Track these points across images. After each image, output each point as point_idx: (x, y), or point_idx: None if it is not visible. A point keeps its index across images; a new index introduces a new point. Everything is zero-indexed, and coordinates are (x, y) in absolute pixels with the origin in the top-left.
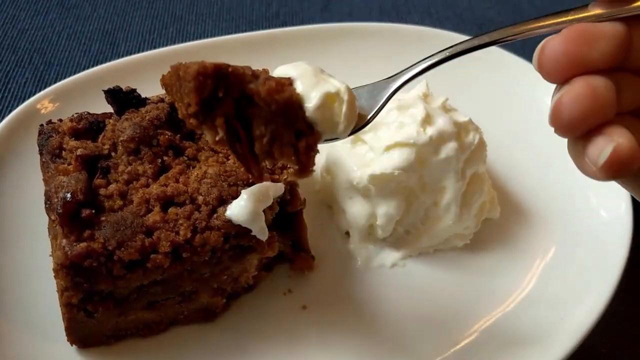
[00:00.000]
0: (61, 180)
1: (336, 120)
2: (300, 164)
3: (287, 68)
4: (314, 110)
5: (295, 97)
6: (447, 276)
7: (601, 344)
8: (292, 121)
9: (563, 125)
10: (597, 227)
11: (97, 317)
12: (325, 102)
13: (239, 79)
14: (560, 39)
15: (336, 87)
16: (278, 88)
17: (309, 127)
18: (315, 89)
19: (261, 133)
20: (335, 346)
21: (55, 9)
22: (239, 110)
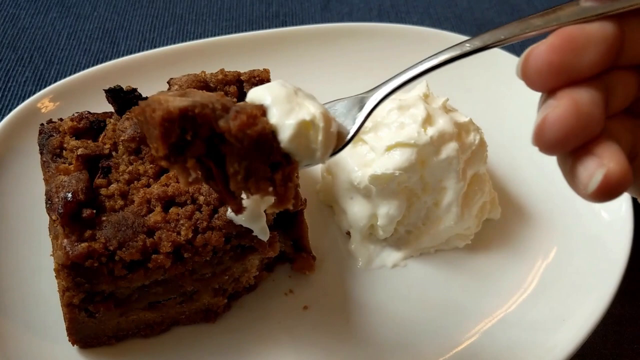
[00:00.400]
0: (62, 180)
1: (313, 148)
2: (278, 196)
3: (260, 91)
4: (289, 141)
5: (268, 130)
6: (448, 277)
7: (602, 345)
8: (267, 154)
9: (547, 145)
10: (598, 228)
11: (98, 317)
12: (300, 131)
13: (206, 119)
14: (544, 49)
15: (311, 113)
16: (249, 122)
17: (284, 157)
18: (289, 117)
19: (235, 170)
20: (336, 346)
21: (56, 8)
22: (211, 147)
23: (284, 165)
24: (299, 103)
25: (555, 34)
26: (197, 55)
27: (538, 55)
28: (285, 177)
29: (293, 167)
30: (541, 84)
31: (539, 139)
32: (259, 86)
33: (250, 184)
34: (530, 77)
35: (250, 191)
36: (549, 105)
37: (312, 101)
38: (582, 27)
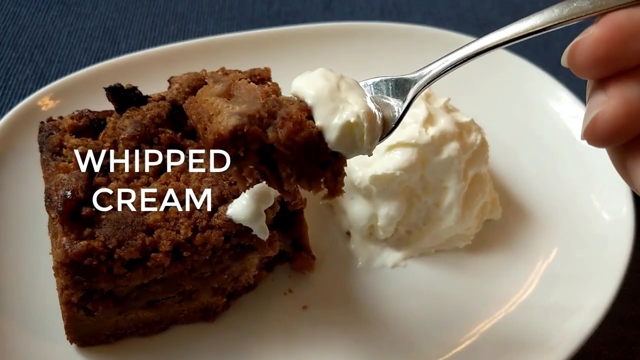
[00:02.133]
0: (61, 178)
1: (359, 145)
2: (330, 189)
3: (304, 84)
4: (335, 142)
5: (315, 134)
6: (448, 277)
7: (603, 347)
8: (315, 156)
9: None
10: (599, 229)
11: (97, 315)
12: (346, 132)
13: (255, 135)
14: (591, 42)
15: (355, 113)
16: (296, 128)
17: (332, 155)
18: (333, 118)
19: (287, 174)
20: (335, 346)
21: (56, 6)
22: (263, 155)
23: (332, 162)
24: (342, 99)
25: (602, 23)
26: (197, 53)
27: (585, 48)
28: (335, 173)
29: (341, 163)
30: (589, 74)
31: (591, 136)
32: (303, 76)
33: (303, 183)
34: (577, 69)
35: (303, 188)
36: (599, 102)
37: (356, 94)
38: (630, 14)
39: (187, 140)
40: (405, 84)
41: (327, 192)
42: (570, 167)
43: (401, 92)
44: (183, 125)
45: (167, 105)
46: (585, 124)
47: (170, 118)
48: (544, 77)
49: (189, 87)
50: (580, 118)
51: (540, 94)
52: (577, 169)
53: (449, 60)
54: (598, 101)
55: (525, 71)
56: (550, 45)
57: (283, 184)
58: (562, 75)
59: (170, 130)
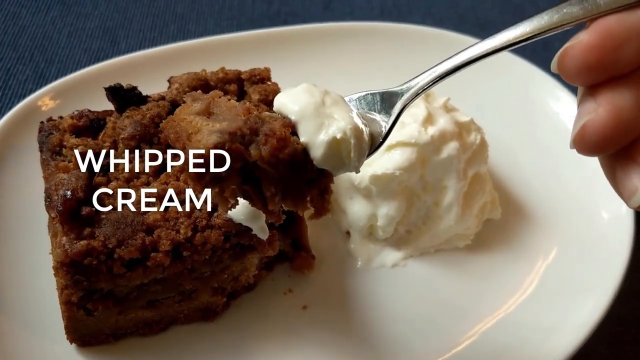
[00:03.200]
0: (61, 178)
1: (346, 162)
2: (316, 208)
3: (286, 102)
4: (321, 159)
5: (300, 151)
6: (448, 277)
7: (602, 346)
8: (301, 173)
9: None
10: (599, 229)
11: (96, 315)
12: (332, 148)
13: (237, 153)
14: (581, 48)
15: (341, 129)
16: (280, 145)
17: (318, 172)
18: (319, 134)
19: (272, 193)
20: (335, 346)
21: (56, 6)
22: (245, 173)
23: (318, 179)
24: (328, 115)
25: (593, 28)
26: (197, 53)
27: (575, 54)
28: (321, 191)
29: (327, 180)
30: (579, 81)
31: (580, 144)
32: (286, 93)
33: (288, 202)
34: (567, 75)
35: (288, 207)
36: (589, 109)
37: (342, 110)
38: (622, 19)
39: None
40: (392, 97)
41: (313, 212)
42: (570, 167)
43: (388, 105)
44: None
45: (166, 105)
46: (574, 132)
47: None
48: (544, 77)
49: (188, 87)
50: None
51: (540, 93)
52: (576, 169)
53: (437, 71)
54: (587, 109)
55: (525, 71)
56: (550, 45)
57: (267, 204)
58: None
59: None
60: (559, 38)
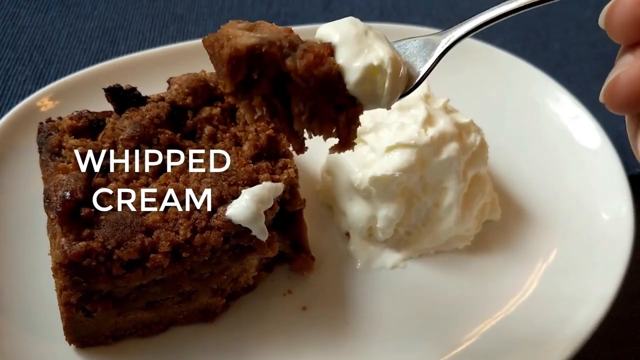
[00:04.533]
0: (60, 179)
1: (379, 94)
2: (341, 138)
3: (330, 29)
4: (355, 85)
5: (335, 71)
6: (448, 278)
7: (602, 347)
8: (332, 96)
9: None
10: (599, 230)
11: (95, 316)
12: (367, 75)
13: (273, 58)
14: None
15: (379, 57)
16: (316, 61)
17: (349, 100)
18: (356, 60)
19: (300, 110)
20: (334, 348)
21: (56, 7)
22: (277, 86)
23: (348, 108)
24: (368, 44)
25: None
26: (197, 54)
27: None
28: (349, 120)
29: (357, 110)
30: (624, 36)
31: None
32: (329, 23)
33: (314, 124)
34: (613, 29)
35: (313, 131)
36: (625, 62)
37: (383, 43)
38: None
39: (186, 140)
40: (432, 43)
41: (337, 143)
42: (570, 168)
43: (428, 51)
44: (182, 126)
45: (166, 106)
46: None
47: (169, 119)
48: (543, 78)
49: (188, 88)
50: (579, 119)
51: (540, 95)
52: (576, 170)
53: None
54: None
55: (525, 72)
56: (549, 46)
57: (293, 122)
58: (561, 77)
59: (170, 131)
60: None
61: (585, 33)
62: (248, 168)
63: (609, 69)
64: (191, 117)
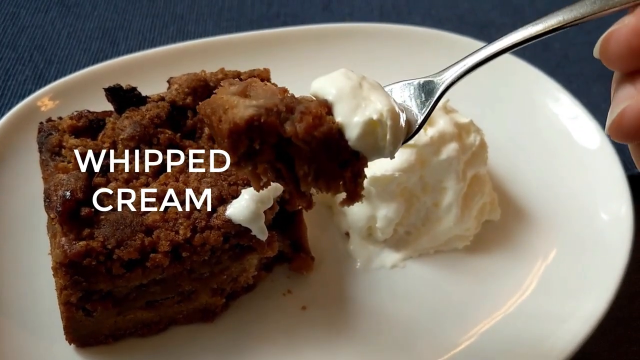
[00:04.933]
0: (60, 179)
1: (381, 145)
2: (349, 192)
3: (324, 84)
4: (357, 140)
5: (335, 130)
6: (447, 278)
7: (602, 347)
8: (335, 154)
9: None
10: (598, 230)
11: (95, 316)
12: (368, 130)
13: (272, 127)
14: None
15: (378, 110)
16: (315, 123)
17: (353, 154)
18: (355, 115)
19: (305, 172)
20: (334, 347)
21: (56, 7)
22: (279, 150)
23: (352, 162)
24: (364, 97)
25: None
26: (197, 54)
27: (619, 38)
28: (355, 174)
29: (362, 164)
30: (621, 66)
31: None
32: (323, 77)
33: (321, 183)
34: (609, 60)
35: (320, 190)
36: (628, 95)
37: (379, 93)
38: None
39: (186, 140)
40: (428, 86)
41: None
42: (569, 168)
43: (424, 95)
44: (182, 125)
45: (166, 106)
46: (612, 118)
47: (169, 118)
48: (543, 79)
49: (188, 88)
50: (579, 119)
51: (539, 95)
52: (575, 170)
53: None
54: (626, 94)
55: (524, 72)
56: (549, 46)
57: (299, 184)
58: (561, 77)
59: (170, 131)
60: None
61: (585, 33)
62: None
63: (608, 69)
64: (191, 117)
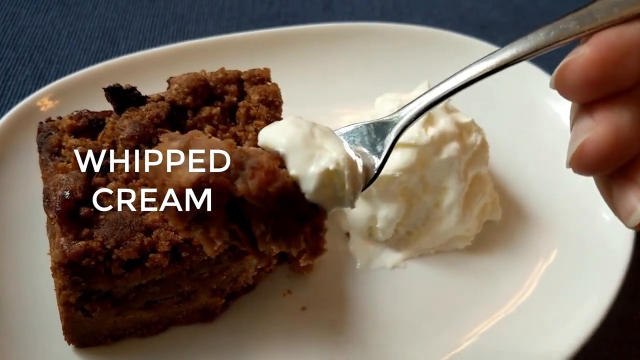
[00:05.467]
0: (60, 178)
1: (339, 196)
2: (310, 248)
3: (273, 135)
4: (313, 193)
5: (290, 184)
6: (448, 278)
7: (603, 347)
8: (292, 209)
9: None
10: (600, 230)
11: (94, 316)
12: (325, 181)
13: (222, 186)
14: (581, 63)
15: (333, 159)
16: (269, 178)
17: (312, 207)
18: (310, 166)
19: (262, 231)
20: (334, 348)
21: (56, 7)
22: (232, 211)
23: (311, 216)
24: (317, 146)
25: (593, 42)
26: (197, 54)
27: (575, 70)
28: (315, 228)
29: (321, 216)
30: (578, 97)
31: (577, 163)
32: (271, 126)
33: (280, 242)
34: (566, 92)
35: (280, 248)
36: (586, 127)
37: (332, 141)
38: (621, 32)
39: None
40: (383, 127)
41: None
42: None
43: (379, 137)
44: (182, 125)
45: (166, 106)
46: (571, 151)
47: (169, 118)
48: (544, 78)
49: (188, 88)
50: None
51: (541, 94)
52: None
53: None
54: (584, 127)
55: (526, 71)
56: None
57: (257, 244)
58: None
59: (170, 131)
60: None
61: None
62: None
63: None
64: (191, 117)
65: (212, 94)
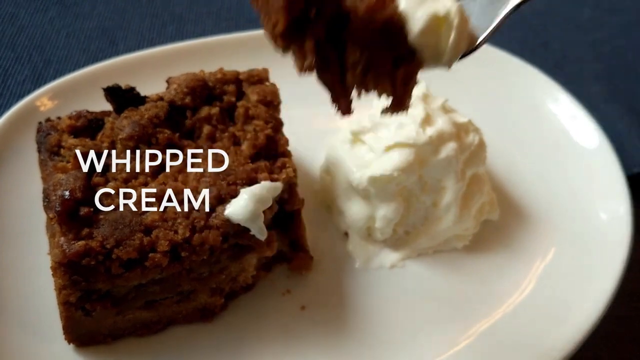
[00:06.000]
0: (59, 178)
1: (442, 48)
2: (396, 97)
3: None
4: (418, 35)
5: (397, 17)
6: (446, 277)
7: (601, 346)
8: (392, 45)
9: None
10: (597, 229)
11: (94, 315)
12: (432, 26)
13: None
14: None
15: (446, 7)
16: (378, 4)
17: (409, 53)
18: (421, 8)
19: (355, 60)
20: (333, 347)
21: (55, 7)
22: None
23: (407, 62)
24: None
25: None
26: (196, 54)
27: None
28: (407, 76)
29: (416, 66)
30: None
31: None
32: None
33: (369, 78)
34: None
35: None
36: None
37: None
38: None
39: (185, 140)
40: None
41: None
42: (568, 168)
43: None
44: (181, 125)
45: (165, 106)
46: None
47: (168, 118)
48: (542, 78)
49: (187, 88)
50: (578, 119)
51: (538, 94)
52: (574, 169)
53: None
54: None
55: (523, 72)
56: (548, 46)
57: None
58: (560, 77)
59: (168, 131)
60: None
61: (584, 33)
62: (247, 167)
63: (608, 69)
64: (190, 117)
65: (211, 94)
